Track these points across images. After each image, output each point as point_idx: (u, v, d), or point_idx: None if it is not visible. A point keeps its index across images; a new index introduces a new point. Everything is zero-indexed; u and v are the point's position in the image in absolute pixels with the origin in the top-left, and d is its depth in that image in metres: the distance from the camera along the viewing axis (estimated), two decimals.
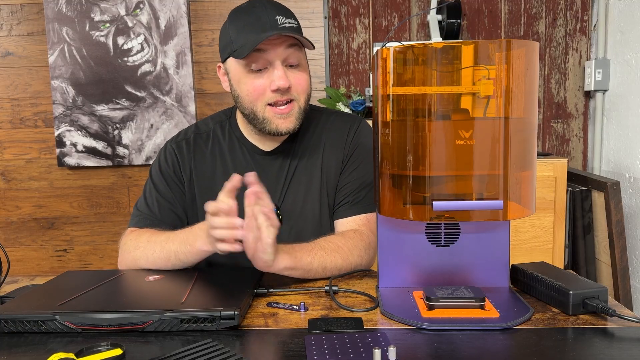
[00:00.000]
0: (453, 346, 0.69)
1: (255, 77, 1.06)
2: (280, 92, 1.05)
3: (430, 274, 0.89)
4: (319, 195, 1.16)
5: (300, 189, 1.15)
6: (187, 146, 1.18)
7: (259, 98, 1.06)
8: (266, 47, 1.02)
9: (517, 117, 0.76)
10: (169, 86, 2.25)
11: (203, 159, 1.17)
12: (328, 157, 1.17)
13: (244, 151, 1.17)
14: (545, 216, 1.81)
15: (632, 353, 0.66)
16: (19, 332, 0.76)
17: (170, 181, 1.18)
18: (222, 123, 1.21)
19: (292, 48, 1.05)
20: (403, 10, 2.26)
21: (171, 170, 1.18)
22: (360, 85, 2.29)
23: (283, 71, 1.04)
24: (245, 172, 1.12)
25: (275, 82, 1.03)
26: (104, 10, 2.22)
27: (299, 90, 1.08)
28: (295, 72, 1.07)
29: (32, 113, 2.33)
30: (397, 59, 0.78)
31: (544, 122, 2.30)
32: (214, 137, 1.19)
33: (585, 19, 2.25)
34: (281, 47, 1.03)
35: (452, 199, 0.77)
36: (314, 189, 1.16)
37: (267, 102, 1.06)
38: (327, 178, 1.17)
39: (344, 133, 1.19)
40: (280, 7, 1.07)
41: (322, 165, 1.17)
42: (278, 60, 1.04)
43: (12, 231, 2.38)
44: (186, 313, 0.75)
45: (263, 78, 1.05)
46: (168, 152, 1.19)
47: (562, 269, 0.89)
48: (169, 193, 1.17)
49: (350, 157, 1.18)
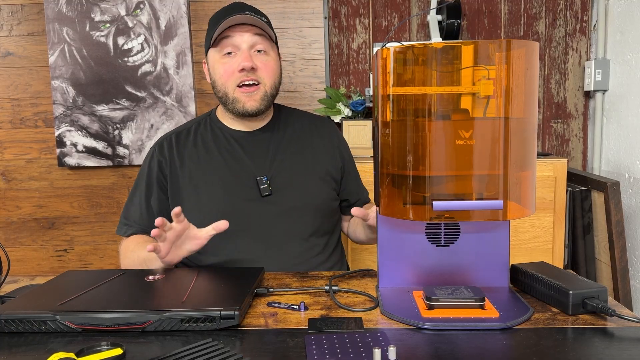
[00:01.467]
0: (453, 346, 0.69)
1: (225, 62, 1.18)
2: (245, 72, 1.16)
3: (430, 273, 0.89)
4: (313, 171, 1.24)
5: (289, 163, 1.23)
6: (169, 143, 1.25)
7: (229, 79, 1.18)
8: (233, 33, 1.16)
9: (517, 117, 0.76)
10: (169, 86, 2.26)
11: (185, 150, 1.24)
12: (319, 145, 1.28)
13: (227, 137, 1.25)
14: (545, 216, 1.81)
15: (632, 353, 0.66)
16: (19, 331, 0.76)
17: (153, 183, 1.24)
18: (203, 120, 1.30)
19: (259, 37, 1.18)
20: (403, 11, 2.27)
21: (153, 171, 1.24)
22: (360, 85, 2.29)
23: (248, 54, 1.16)
24: (230, 153, 1.23)
25: (240, 63, 1.15)
26: (104, 10, 2.22)
27: (264, 74, 1.18)
28: (262, 57, 1.19)
29: (32, 113, 2.33)
30: (397, 59, 0.78)
31: (543, 122, 2.30)
32: (195, 131, 1.27)
33: (585, 19, 2.25)
34: (247, 34, 1.17)
35: (452, 199, 0.77)
36: (303, 163, 1.24)
37: (236, 83, 1.17)
38: (322, 159, 1.27)
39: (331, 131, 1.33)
40: (253, 8, 1.20)
41: (313, 151, 1.27)
42: (244, 45, 1.17)
43: (12, 231, 2.38)
44: (186, 313, 0.75)
45: (232, 62, 1.17)
46: (150, 154, 1.26)
47: (562, 269, 0.89)
48: (152, 196, 1.23)
49: (346, 161, 1.32)
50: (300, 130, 1.29)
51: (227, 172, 1.20)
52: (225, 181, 1.19)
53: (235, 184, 1.19)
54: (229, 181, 1.19)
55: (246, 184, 1.19)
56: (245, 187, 1.18)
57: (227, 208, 1.16)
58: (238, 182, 1.19)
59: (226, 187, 1.19)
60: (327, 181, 1.25)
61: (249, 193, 1.18)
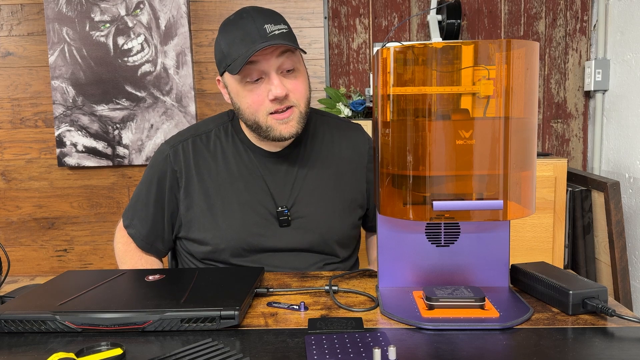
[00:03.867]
0: (453, 346, 0.69)
1: (252, 89, 1.05)
2: (278, 101, 1.05)
3: (430, 273, 0.89)
4: (335, 202, 1.16)
5: (310, 193, 1.15)
6: (184, 150, 1.16)
7: (259, 109, 1.06)
8: (258, 58, 1.02)
9: (517, 117, 0.76)
10: (169, 86, 2.26)
11: (203, 160, 1.15)
12: (345, 167, 1.19)
13: (249, 153, 1.16)
14: (545, 216, 1.81)
15: (632, 353, 0.66)
16: (19, 331, 0.76)
17: (160, 191, 1.16)
18: (223, 125, 1.19)
19: (285, 55, 1.04)
20: (403, 11, 2.27)
21: (165, 186, 1.16)
22: (360, 85, 2.29)
23: (279, 80, 1.04)
24: (251, 175, 1.14)
25: (272, 91, 1.03)
26: (104, 10, 2.22)
27: (297, 97, 1.07)
28: (291, 79, 1.07)
29: (32, 113, 2.33)
30: (397, 59, 0.78)
31: (543, 122, 2.30)
32: (216, 139, 1.17)
33: (585, 19, 2.25)
34: (273, 57, 1.03)
35: (452, 199, 0.77)
36: (326, 193, 1.16)
37: (268, 111, 1.06)
38: (346, 185, 1.18)
39: (358, 144, 1.22)
40: (268, 13, 1.06)
41: (338, 174, 1.18)
42: (272, 69, 1.04)
43: (12, 231, 2.38)
44: (186, 313, 0.75)
45: (260, 89, 1.05)
46: (164, 156, 1.17)
47: (562, 269, 0.89)
48: (159, 204, 1.16)
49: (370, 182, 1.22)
50: (330, 144, 1.20)
51: (247, 196, 1.13)
52: (243, 206, 1.12)
53: (253, 211, 1.12)
54: (247, 207, 1.12)
55: (265, 213, 1.12)
56: (264, 216, 1.12)
57: (243, 234, 1.11)
58: (257, 210, 1.12)
59: (244, 213, 1.12)
60: (352, 210, 1.19)
61: (266, 222, 1.12)
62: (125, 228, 1.21)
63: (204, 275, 0.94)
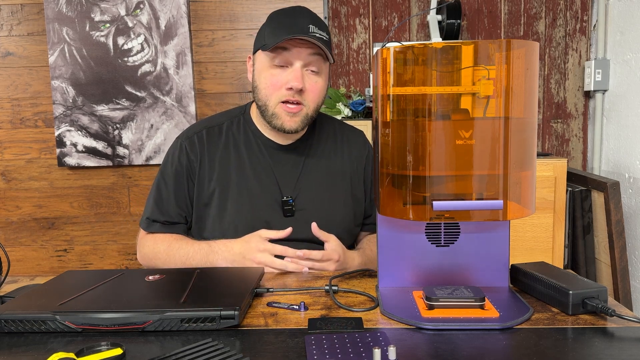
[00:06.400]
0: (453, 346, 0.69)
1: (275, 74, 1.12)
2: (293, 92, 1.10)
3: (430, 273, 0.89)
4: (338, 196, 1.22)
5: (315, 185, 1.21)
6: (199, 139, 1.21)
7: (273, 93, 1.12)
8: (291, 47, 1.09)
9: (517, 117, 0.76)
10: (169, 86, 2.26)
11: (216, 151, 1.21)
12: (349, 165, 1.25)
13: (259, 144, 1.22)
14: (545, 216, 1.81)
15: (631, 353, 0.66)
16: (19, 331, 0.76)
17: (182, 180, 1.21)
18: (236, 118, 1.25)
19: (316, 56, 1.11)
20: (403, 11, 2.27)
21: (183, 165, 1.21)
22: (360, 85, 2.29)
23: (301, 73, 1.10)
24: (260, 165, 1.20)
25: (291, 81, 1.09)
26: (104, 10, 2.22)
27: (310, 98, 1.13)
28: (313, 79, 1.13)
29: (32, 113, 2.33)
30: (397, 59, 0.78)
31: (543, 122, 2.30)
32: (228, 130, 1.23)
33: (585, 19, 2.25)
34: (305, 52, 1.10)
35: (452, 199, 0.77)
36: (329, 187, 1.22)
37: (280, 99, 1.12)
38: (348, 182, 1.24)
39: (359, 146, 1.29)
40: (317, 18, 1.13)
41: (341, 170, 1.24)
42: (299, 62, 1.10)
43: (12, 231, 2.38)
44: (186, 313, 0.75)
45: (282, 75, 1.11)
46: (179, 148, 1.22)
47: (561, 269, 0.89)
48: (180, 192, 1.21)
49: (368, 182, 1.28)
50: (334, 143, 1.26)
51: (256, 185, 1.18)
52: (252, 194, 1.17)
53: (261, 199, 1.17)
54: (255, 195, 1.17)
55: (272, 202, 1.17)
56: (270, 205, 1.17)
57: (250, 223, 1.15)
58: (264, 198, 1.17)
59: (252, 202, 1.17)
60: (353, 204, 1.24)
61: (272, 211, 1.17)
62: (145, 229, 1.22)
63: (204, 275, 0.94)
